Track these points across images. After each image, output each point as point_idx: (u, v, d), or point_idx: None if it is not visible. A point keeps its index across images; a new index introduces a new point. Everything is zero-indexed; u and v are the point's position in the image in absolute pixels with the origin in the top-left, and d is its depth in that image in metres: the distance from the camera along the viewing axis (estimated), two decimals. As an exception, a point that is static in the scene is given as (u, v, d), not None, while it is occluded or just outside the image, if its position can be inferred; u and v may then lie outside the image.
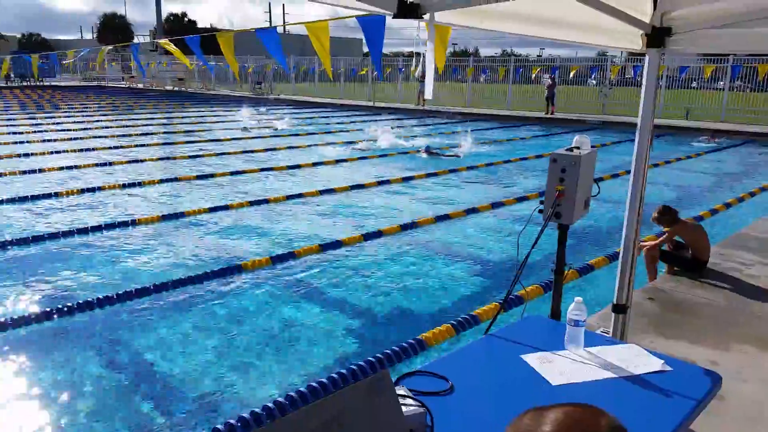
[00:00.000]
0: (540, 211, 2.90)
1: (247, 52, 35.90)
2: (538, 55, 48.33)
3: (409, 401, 1.77)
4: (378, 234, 7.25)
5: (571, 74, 25.53)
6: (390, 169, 11.75)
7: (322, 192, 9.52)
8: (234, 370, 4.14)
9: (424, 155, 13.35)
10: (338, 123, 20.99)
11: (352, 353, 4.45)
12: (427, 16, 1.99)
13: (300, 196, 9.25)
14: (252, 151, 13.71)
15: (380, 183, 10.35)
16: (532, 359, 2.26)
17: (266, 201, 8.86)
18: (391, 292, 5.59)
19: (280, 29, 73.59)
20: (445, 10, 2.05)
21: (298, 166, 11.81)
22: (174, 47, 6.59)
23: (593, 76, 26.10)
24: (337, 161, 12.57)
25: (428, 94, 2.36)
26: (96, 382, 3.98)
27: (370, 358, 4.05)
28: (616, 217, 7.68)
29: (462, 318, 4.73)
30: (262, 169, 11.45)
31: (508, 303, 4.05)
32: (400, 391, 1.83)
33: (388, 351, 4.16)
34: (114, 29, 70.25)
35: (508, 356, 2.30)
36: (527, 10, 2.32)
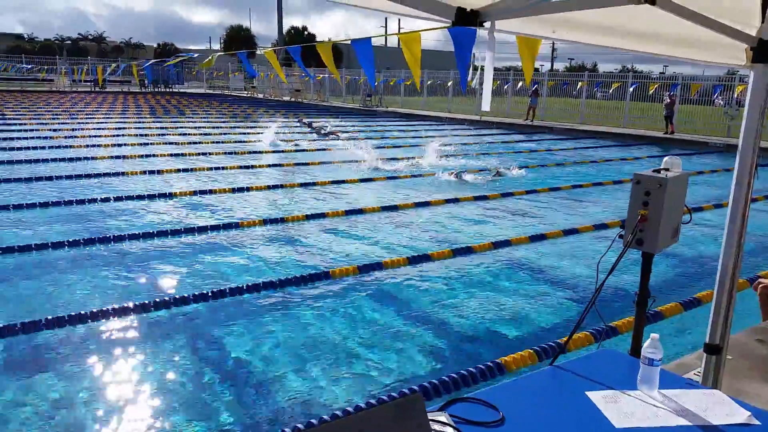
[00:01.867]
0: (621, 236, 2.69)
1: (358, 65, 36.81)
2: (660, 72, 45.77)
3: (448, 430, 1.69)
4: (468, 250, 7.11)
5: (693, 93, 23.87)
6: (479, 187, 11.54)
7: (417, 205, 9.52)
8: (306, 376, 4.19)
9: (452, 178, 12.17)
10: (432, 136, 20.96)
11: (426, 371, 4.37)
12: (487, 25, 1.91)
13: (395, 208, 9.30)
14: (348, 162, 13.98)
15: (477, 198, 10.18)
16: (597, 397, 2.08)
17: (361, 211, 8.98)
18: (474, 311, 5.46)
19: (377, 41, 74.87)
20: (508, 19, 1.96)
21: (395, 178, 11.89)
22: (275, 59, 6.85)
23: (716, 95, 24.24)
24: (436, 174, 12.53)
25: (485, 106, 2.25)
26: (183, 374, 4.18)
27: (444, 378, 3.95)
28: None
29: (546, 345, 4.51)
30: (362, 180, 11.63)
31: (591, 336, 3.81)
32: (441, 417, 1.75)
33: (463, 372, 4.05)
34: (239, 41, 74.68)
35: (571, 391, 2.14)
36: (609, 22, 2.17)
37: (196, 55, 14.41)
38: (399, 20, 76.96)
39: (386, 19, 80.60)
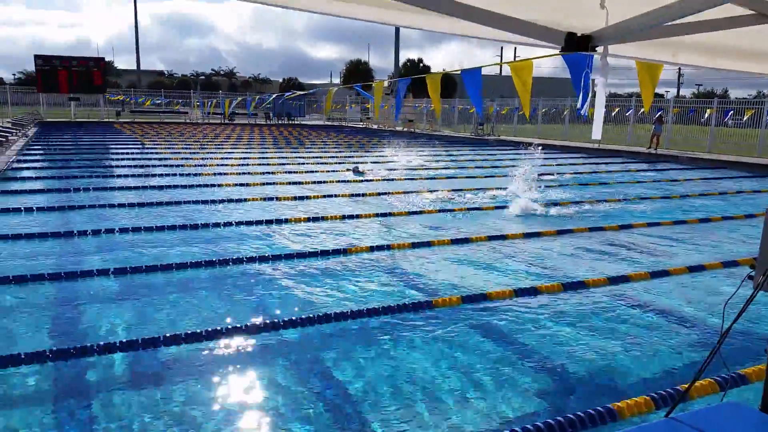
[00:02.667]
0: (750, 277, 2.42)
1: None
2: (805, 97, 41.64)
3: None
4: (580, 285, 6.77)
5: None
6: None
7: (526, 235, 9.25)
8: (402, 408, 4.14)
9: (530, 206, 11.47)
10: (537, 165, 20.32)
11: (529, 413, 4.16)
12: (600, 49, 1.81)
13: (503, 237, 9.10)
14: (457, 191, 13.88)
15: (591, 230, 9.73)
16: (719, 457, 1.87)
17: (468, 240, 8.86)
18: (585, 349, 5.15)
19: (491, 70, 74.09)
20: (623, 43, 1.85)
21: (504, 207, 11.65)
22: (380, 91, 7.02)
23: None
24: (550, 204, 12.13)
25: (596, 134, 2.13)
26: (285, 395, 4.28)
27: (549, 421, 3.75)
28: None
29: (664, 392, 4.15)
30: (469, 209, 11.50)
31: (716, 385, 3.46)
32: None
33: (571, 416, 3.81)
34: (358, 74, 77.47)
35: (689, 448, 1.94)
36: (738, 44, 1.99)
37: (314, 90, 15.11)
38: (515, 49, 76.41)
39: (502, 48, 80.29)
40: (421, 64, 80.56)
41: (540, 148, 19.76)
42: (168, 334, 5.06)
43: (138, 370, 4.65)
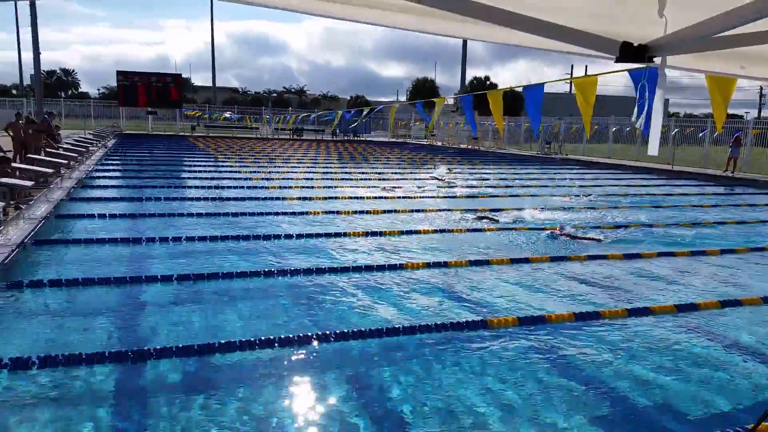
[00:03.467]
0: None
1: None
2: None
3: None
4: (645, 311, 6.47)
5: None
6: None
7: (589, 258, 8.95)
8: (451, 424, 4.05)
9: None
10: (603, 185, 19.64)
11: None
12: (658, 60, 1.71)
13: (565, 258, 8.83)
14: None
15: (660, 255, 9.32)
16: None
17: (527, 260, 8.65)
18: (651, 379, 4.91)
19: (555, 88, 72.55)
20: (682, 54, 1.74)
21: (567, 227, 11.31)
22: (441, 107, 6.98)
23: None
24: (619, 227, 11.70)
25: (653, 149, 2.02)
26: (335, 408, 4.27)
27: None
28: None
29: (732, 430, 3.89)
30: (531, 228, 11.24)
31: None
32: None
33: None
34: (424, 92, 77.76)
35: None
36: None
37: (380, 107, 15.30)
38: (586, 67, 74.85)
39: (572, 66, 78.77)
40: (488, 82, 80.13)
41: (607, 169, 19.14)
42: (222, 341, 5.17)
43: (197, 376, 4.76)
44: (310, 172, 20.56)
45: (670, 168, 25.57)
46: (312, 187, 16.53)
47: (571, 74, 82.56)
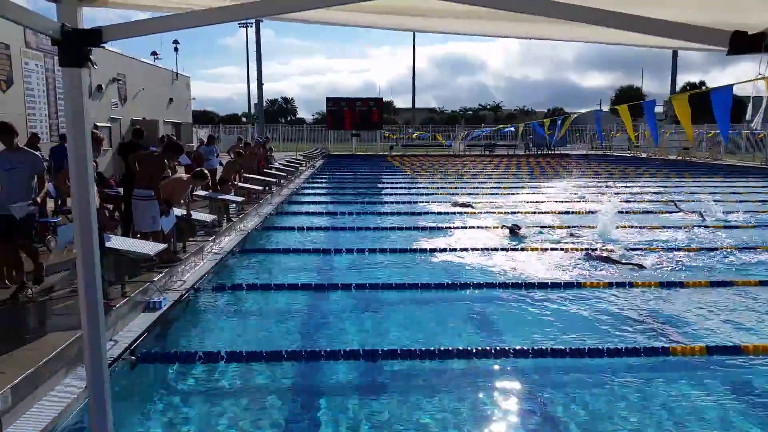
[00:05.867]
0: None
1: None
2: None
3: None
4: None
5: None
6: None
7: (761, 283, 7.72)
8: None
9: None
10: None
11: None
12: (775, 50, 1.50)
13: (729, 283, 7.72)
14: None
15: None
16: None
17: (681, 284, 7.68)
18: None
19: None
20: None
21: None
22: (627, 115, 6.53)
23: None
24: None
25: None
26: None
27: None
28: None
29: None
30: (739, 248, 9.94)
31: None
32: None
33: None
34: (628, 100, 72.76)
35: None
36: None
37: (575, 115, 14.66)
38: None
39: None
40: (704, 87, 72.44)
41: None
42: (385, 348, 5.43)
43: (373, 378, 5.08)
44: (497, 188, 20.40)
45: None
46: (492, 203, 16.36)
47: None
